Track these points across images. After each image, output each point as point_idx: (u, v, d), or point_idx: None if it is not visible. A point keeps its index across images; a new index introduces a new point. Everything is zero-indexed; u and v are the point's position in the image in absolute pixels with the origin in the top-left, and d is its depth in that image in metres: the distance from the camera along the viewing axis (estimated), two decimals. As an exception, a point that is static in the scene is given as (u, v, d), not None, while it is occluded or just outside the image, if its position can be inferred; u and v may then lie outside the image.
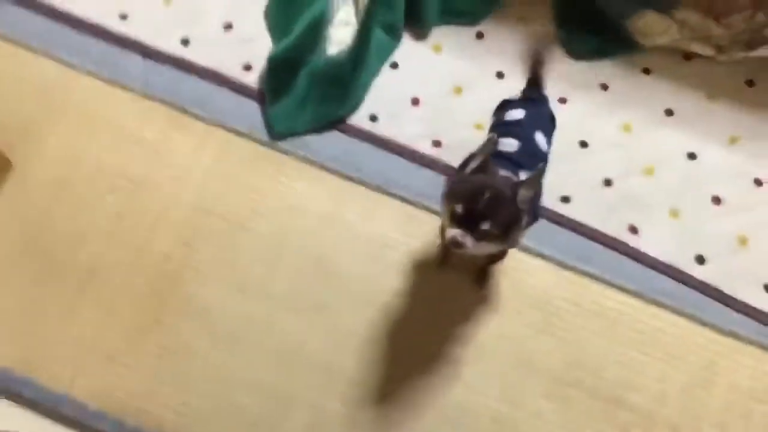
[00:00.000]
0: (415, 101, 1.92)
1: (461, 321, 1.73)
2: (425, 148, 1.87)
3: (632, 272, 1.79)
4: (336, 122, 1.88)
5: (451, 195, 1.28)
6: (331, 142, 1.87)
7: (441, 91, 1.93)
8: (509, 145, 1.42)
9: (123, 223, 1.77)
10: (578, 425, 1.66)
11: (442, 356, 1.69)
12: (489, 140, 1.32)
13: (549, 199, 1.83)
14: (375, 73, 1.91)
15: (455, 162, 1.76)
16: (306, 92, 1.84)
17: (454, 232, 1.23)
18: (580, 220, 1.83)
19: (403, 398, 1.65)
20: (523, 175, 1.35)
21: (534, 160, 1.41)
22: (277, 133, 1.84)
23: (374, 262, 1.76)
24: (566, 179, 1.86)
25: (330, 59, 1.85)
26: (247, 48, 1.92)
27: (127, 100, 1.87)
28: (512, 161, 1.38)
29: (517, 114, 1.50)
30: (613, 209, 1.84)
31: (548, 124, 1.55)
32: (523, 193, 1.26)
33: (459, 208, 1.23)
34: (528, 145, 1.44)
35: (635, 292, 1.77)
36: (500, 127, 1.49)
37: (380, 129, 1.89)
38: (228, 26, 1.95)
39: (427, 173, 1.86)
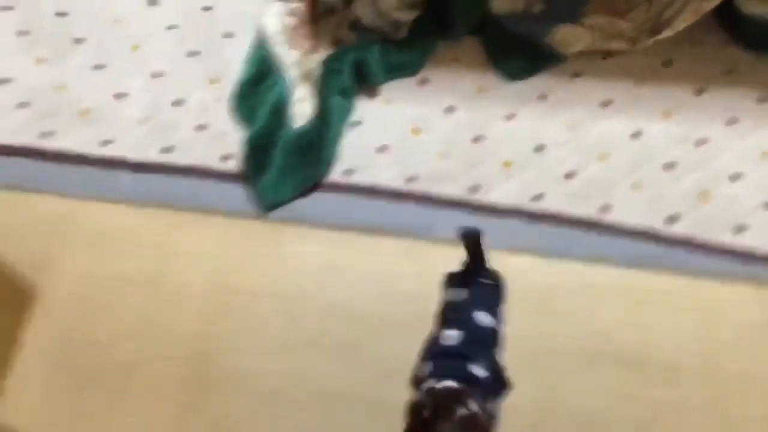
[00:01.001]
0: (382, 149, 2.12)
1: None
2: (401, 185, 2.05)
3: (613, 245, 1.95)
4: (316, 185, 2.06)
5: None
6: (317, 202, 2.04)
7: (402, 135, 2.13)
8: (451, 337, 1.39)
9: (147, 319, 1.89)
10: (608, 389, 1.76)
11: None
12: (430, 341, 1.42)
13: (522, 200, 2.01)
14: (340, 133, 2.11)
15: (432, 190, 1.95)
16: (284, 164, 2.02)
17: None
18: (555, 212, 2.00)
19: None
20: (474, 369, 1.33)
21: (481, 346, 1.39)
22: (267, 206, 2.01)
23: (386, 295, 1.89)
24: (534, 181, 2.04)
25: (298, 131, 2.05)
26: (222, 141, 2.11)
27: (125, 213, 2.03)
28: (459, 355, 1.36)
29: (458, 294, 1.48)
30: (582, 196, 2.02)
31: (491, 298, 1.50)
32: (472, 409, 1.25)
33: None
34: (470, 331, 1.40)
35: (624, 263, 1.93)
36: (443, 313, 1.48)
37: (357, 180, 2.07)
38: (201, 127, 2.14)
39: (410, 207, 2.03)
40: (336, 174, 2.08)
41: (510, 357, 1.77)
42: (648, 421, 1.72)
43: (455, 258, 1.95)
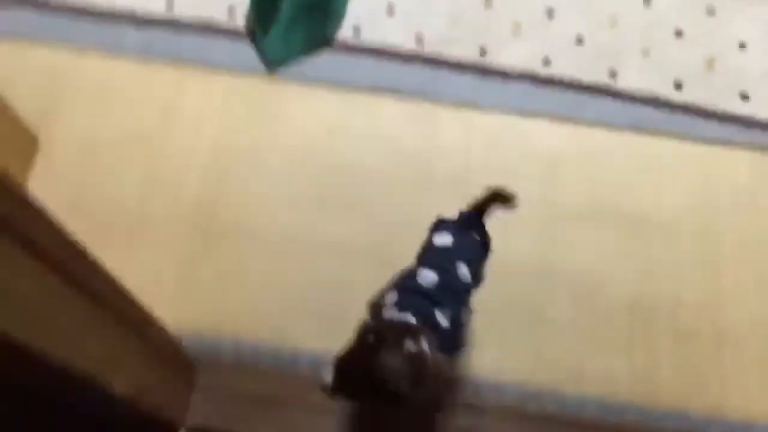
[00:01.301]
0: (391, 9, 2.09)
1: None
2: (411, 47, 2.03)
3: (620, 110, 1.97)
4: (324, 44, 2.03)
5: (345, 373, 1.20)
6: (324, 61, 2.02)
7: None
8: (427, 278, 1.34)
9: (153, 175, 1.89)
10: (612, 249, 1.81)
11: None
12: (406, 274, 1.36)
13: (532, 64, 2.01)
14: (350, -9, 2.07)
15: (441, 52, 1.94)
16: (291, 20, 1.98)
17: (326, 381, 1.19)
18: (564, 77, 2.00)
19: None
20: (438, 316, 1.29)
21: (452, 295, 1.34)
22: (272, 62, 1.99)
23: (391, 155, 1.91)
24: (544, 45, 2.04)
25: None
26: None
27: (131, 69, 1.99)
28: (429, 297, 1.31)
29: (445, 240, 1.41)
30: (591, 60, 2.02)
31: (478, 253, 1.44)
32: (432, 368, 1.21)
33: (362, 382, 1.18)
34: (448, 279, 1.35)
35: (629, 127, 1.95)
36: (426, 253, 1.42)
37: (366, 40, 2.04)
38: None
39: (418, 68, 2.01)
40: (344, 33, 2.05)
41: (513, 216, 1.82)
42: (643, 278, 1.78)
43: (460, 122, 1.97)
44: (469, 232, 1.43)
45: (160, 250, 1.81)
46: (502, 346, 1.70)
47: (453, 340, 1.33)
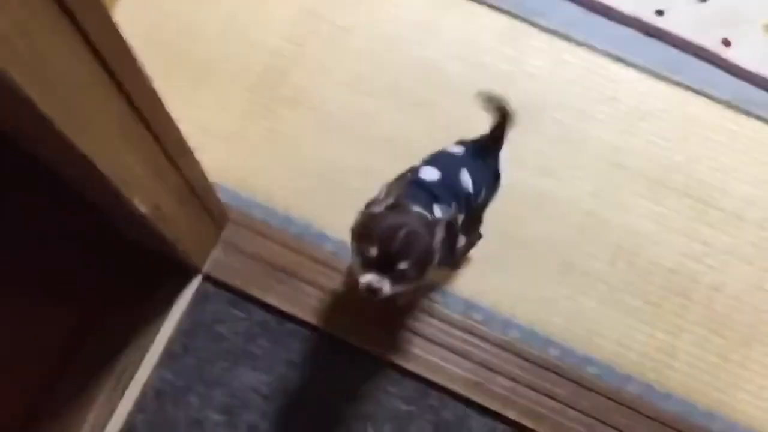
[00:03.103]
0: None
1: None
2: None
3: (725, 83, 1.85)
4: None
5: (362, 236, 1.18)
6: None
7: None
8: (430, 173, 1.31)
9: (236, 23, 1.87)
10: (668, 219, 1.72)
11: (533, 152, 1.77)
12: (403, 176, 1.31)
13: (643, 11, 1.88)
14: None
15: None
16: None
17: (368, 278, 1.14)
18: (674, 32, 1.87)
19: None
20: (436, 209, 1.26)
21: (451, 196, 1.30)
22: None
23: (472, 65, 1.84)
24: (661, -7, 1.90)
25: None
26: None
27: None
28: (429, 191, 1.28)
29: (456, 150, 1.39)
30: (707, 23, 1.88)
31: (485, 174, 1.40)
32: (439, 235, 1.19)
33: (373, 251, 1.14)
34: (449, 179, 1.31)
35: (727, 102, 1.83)
36: (434, 155, 1.39)
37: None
38: None
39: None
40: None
41: (583, 156, 1.75)
42: (691, 256, 1.70)
43: (551, 51, 1.87)
44: (482, 153, 1.40)
45: (221, 99, 1.81)
46: (524, 285, 1.66)
47: (446, 244, 1.29)
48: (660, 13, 1.88)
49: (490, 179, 1.42)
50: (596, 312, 1.64)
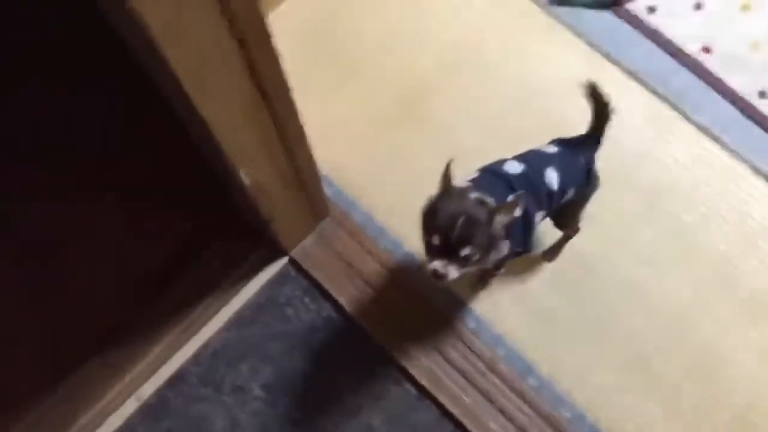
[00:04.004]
0: (698, 5, 1.92)
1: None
2: (693, 50, 1.87)
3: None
4: (614, 4, 1.92)
5: (426, 225, 1.24)
6: (603, 20, 1.93)
7: (727, 2, 1.91)
8: (513, 166, 1.35)
9: (398, 33, 1.94)
10: (763, 351, 1.62)
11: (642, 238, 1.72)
12: (493, 162, 1.37)
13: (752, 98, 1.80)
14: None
15: (720, 71, 1.78)
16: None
17: (434, 264, 1.21)
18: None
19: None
20: (510, 199, 1.25)
21: (532, 190, 1.31)
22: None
23: (610, 140, 1.80)
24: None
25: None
26: None
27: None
28: (506, 181, 1.31)
29: (549, 149, 1.40)
30: None
31: (575, 172, 1.39)
32: (499, 219, 1.20)
33: (436, 239, 1.20)
34: (533, 175, 1.33)
35: None
36: (527, 152, 1.40)
37: (654, 21, 1.91)
38: None
39: (688, 75, 1.86)
40: (636, 5, 1.93)
41: (691, 258, 1.68)
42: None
43: (696, 147, 1.81)
44: (577, 152, 1.40)
45: (359, 102, 1.88)
46: (589, 365, 1.61)
47: (520, 234, 1.32)
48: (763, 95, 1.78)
49: (581, 179, 1.41)
50: (654, 416, 1.57)
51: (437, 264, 1.21)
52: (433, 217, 1.22)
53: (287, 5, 1.98)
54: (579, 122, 1.43)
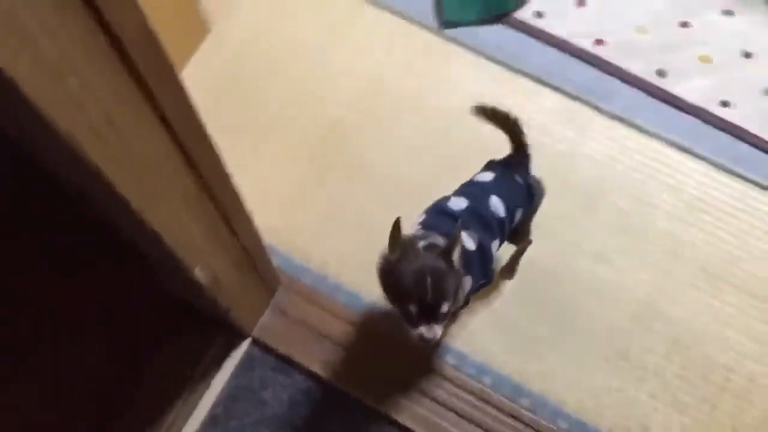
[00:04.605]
0: (580, 2, 2.00)
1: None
2: (587, 45, 1.94)
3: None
4: (503, 16, 1.97)
5: (393, 297, 1.21)
6: (497, 33, 1.98)
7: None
8: (458, 203, 1.34)
9: (303, 86, 1.92)
10: (727, 316, 1.67)
11: (590, 236, 1.75)
12: (436, 201, 1.38)
13: (708, 104, 1.87)
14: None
15: (616, 59, 1.84)
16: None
17: (420, 331, 1.17)
18: (739, 125, 1.85)
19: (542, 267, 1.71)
20: (464, 236, 1.25)
21: (479, 222, 1.32)
22: (447, 21, 1.96)
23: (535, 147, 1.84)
24: (727, 86, 1.88)
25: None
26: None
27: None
28: (455, 219, 1.30)
29: (485, 177, 1.40)
30: (776, 118, 1.85)
31: (517, 194, 1.41)
32: (455, 257, 1.19)
33: (413, 308, 1.16)
34: (478, 207, 1.33)
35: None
36: (463, 186, 1.42)
37: (545, 25, 1.97)
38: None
39: (589, 69, 1.92)
40: (524, 12, 1.99)
41: (641, 244, 1.72)
42: (752, 357, 1.63)
43: (612, 135, 1.87)
44: (511, 173, 1.41)
45: (281, 165, 1.84)
46: (574, 372, 1.61)
47: (479, 267, 1.31)
48: (725, 104, 1.87)
49: (524, 198, 1.42)
50: (649, 407, 1.58)
51: (423, 330, 1.17)
52: (398, 286, 1.19)
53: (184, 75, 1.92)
54: (502, 138, 1.45)
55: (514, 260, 1.67)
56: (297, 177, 1.82)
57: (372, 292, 1.66)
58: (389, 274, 1.20)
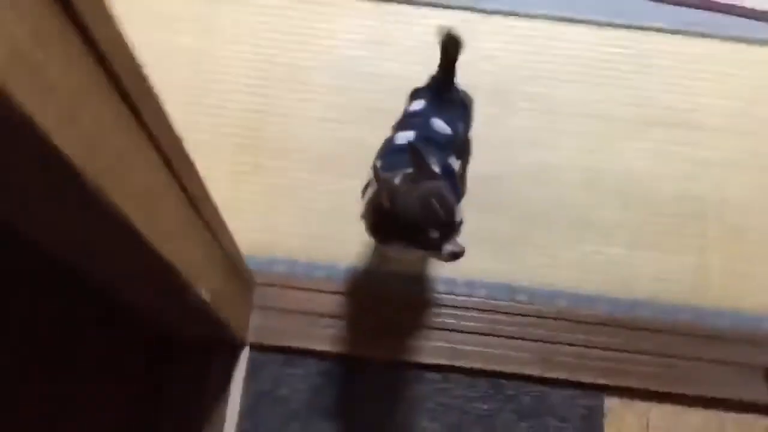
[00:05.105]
0: None
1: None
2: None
3: (663, 13, 1.94)
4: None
5: (412, 236, 1.21)
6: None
7: None
8: (404, 137, 1.37)
9: (195, 94, 1.84)
10: (660, 152, 1.80)
11: (516, 129, 1.82)
12: (384, 143, 1.41)
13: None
14: None
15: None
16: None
17: (448, 250, 1.19)
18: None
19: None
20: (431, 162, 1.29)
21: (434, 144, 1.35)
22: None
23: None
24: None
25: None
26: None
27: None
28: (405, 151, 1.30)
29: (419, 105, 1.44)
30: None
31: (456, 110, 1.46)
32: (430, 161, 1.26)
33: (433, 233, 1.18)
34: (424, 131, 1.37)
35: (674, 30, 1.92)
36: (402, 119, 1.46)
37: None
38: None
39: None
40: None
41: (563, 118, 1.81)
42: (694, 179, 1.77)
43: (501, 31, 1.93)
44: (443, 94, 1.45)
45: (208, 170, 1.77)
46: (551, 255, 1.70)
47: (450, 185, 1.33)
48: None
49: (458, 108, 1.47)
50: (626, 257, 1.69)
51: (450, 247, 1.19)
52: (409, 225, 1.19)
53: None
54: (404, 67, 1.49)
55: (461, 177, 1.71)
56: (227, 178, 1.76)
57: (347, 257, 1.67)
58: (392, 219, 1.20)
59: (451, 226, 1.20)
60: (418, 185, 1.20)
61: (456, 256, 1.21)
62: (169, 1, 1.93)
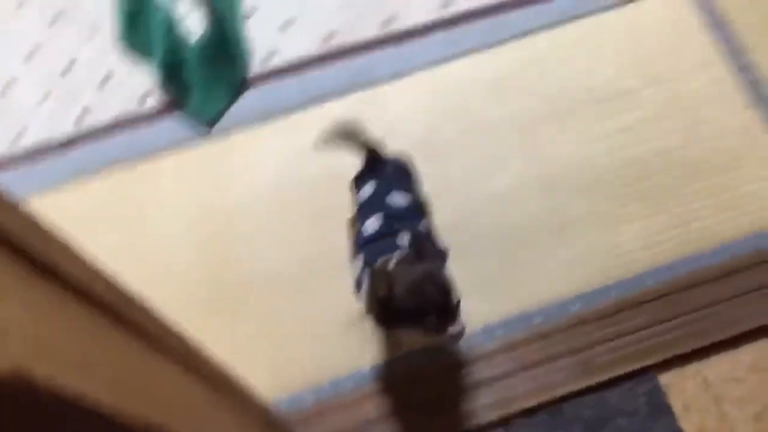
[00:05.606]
0: (285, 25, 2.11)
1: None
2: (320, 49, 2.06)
3: (534, 17, 2.05)
4: (243, 83, 2.02)
5: (412, 322, 1.23)
6: (251, 100, 2.03)
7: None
8: (371, 225, 1.40)
9: (150, 272, 1.82)
10: (580, 134, 1.87)
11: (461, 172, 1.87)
12: (354, 239, 1.46)
13: (437, 12, 2.04)
14: (240, 26, 2.07)
15: (350, 41, 1.97)
16: (203, 78, 1.98)
17: (449, 333, 1.21)
18: (467, 10, 2.06)
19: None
20: (401, 237, 1.34)
21: (403, 217, 1.40)
22: (209, 120, 1.97)
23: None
24: None
25: (200, 43, 1.99)
26: (136, 83, 2.03)
27: (77, 191, 1.94)
28: (384, 235, 1.36)
29: (367, 191, 1.47)
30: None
31: (400, 177, 1.51)
32: (427, 246, 1.33)
33: (433, 318, 1.21)
34: (389, 210, 1.40)
35: (544, 27, 2.03)
36: (359, 212, 1.48)
37: (278, 63, 2.06)
38: (105, 80, 2.05)
39: (339, 65, 2.04)
40: (256, 66, 2.05)
41: (492, 147, 1.87)
42: (621, 146, 1.84)
43: (405, 93, 1.99)
44: (380, 170, 1.49)
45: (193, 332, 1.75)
46: (543, 268, 1.72)
47: (431, 250, 1.38)
48: (446, 5, 2.07)
49: (405, 176, 1.52)
50: (611, 240, 1.73)
51: (450, 330, 1.21)
52: (408, 312, 1.21)
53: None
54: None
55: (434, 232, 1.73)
56: (210, 331, 1.73)
57: (363, 359, 1.66)
58: (391, 309, 1.21)
59: (448, 308, 1.21)
60: (414, 267, 1.22)
61: (456, 337, 1.22)
62: (91, 205, 1.93)
